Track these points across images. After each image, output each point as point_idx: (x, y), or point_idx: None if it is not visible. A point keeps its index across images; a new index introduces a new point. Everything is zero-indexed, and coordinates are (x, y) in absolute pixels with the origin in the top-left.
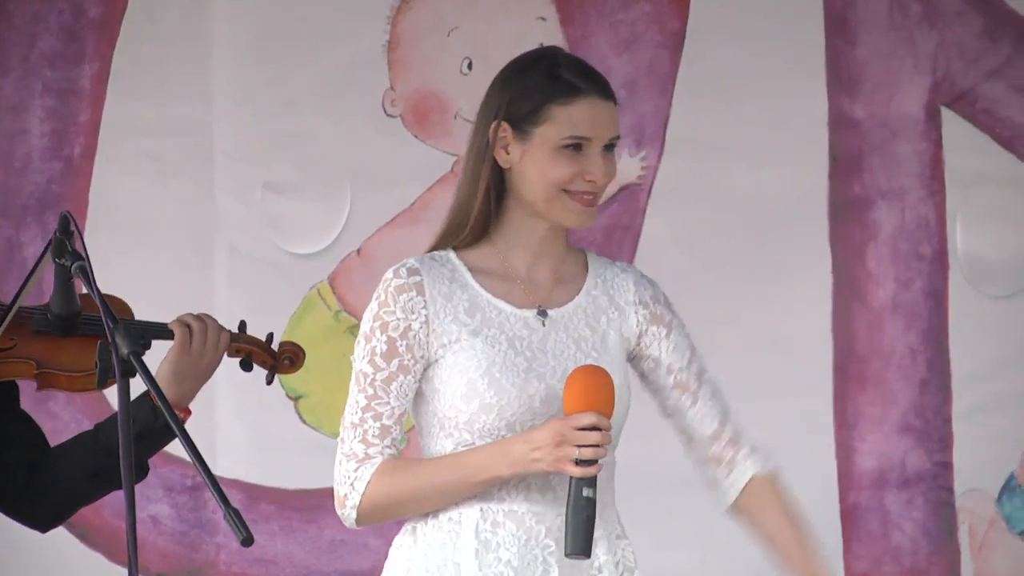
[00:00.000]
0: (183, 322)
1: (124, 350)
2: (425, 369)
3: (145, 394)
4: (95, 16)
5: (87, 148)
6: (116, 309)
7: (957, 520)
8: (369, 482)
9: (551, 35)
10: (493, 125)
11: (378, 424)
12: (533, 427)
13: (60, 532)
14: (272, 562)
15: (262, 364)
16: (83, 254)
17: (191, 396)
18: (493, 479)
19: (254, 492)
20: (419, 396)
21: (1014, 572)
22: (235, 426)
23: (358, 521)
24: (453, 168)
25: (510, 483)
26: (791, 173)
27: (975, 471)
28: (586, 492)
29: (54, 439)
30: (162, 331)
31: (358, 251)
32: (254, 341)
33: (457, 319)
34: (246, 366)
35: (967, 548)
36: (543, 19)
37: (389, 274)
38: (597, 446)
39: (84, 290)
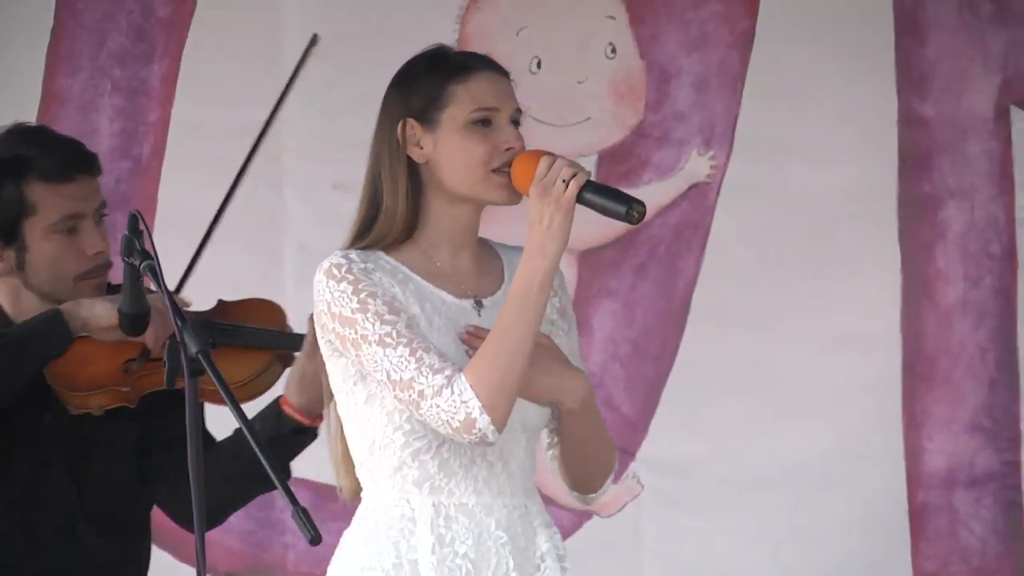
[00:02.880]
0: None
1: (192, 349)
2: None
3: (274, 402)
4: (165, 16)
5: (156, 147)
6: (266, 314)
7: None
8: (471, 385)
9: (620, 34)
10: (400, 125)
11: (433, 354)
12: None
13: None
14: None
15: None
16: (152, 253)
17: (317, 403)
18: (548, 275)
19: (322, 491)
20: (365, 394)
21: None
22: None
23: (496, 423)
24: None
25: (458, 475)
26: (860, 172)
27: None
28: (589, 196)
29: None
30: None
31: None
32: None
33: (412, 304)
34: None
35: None
36: (612, 18)
37: (340, 260)
38: (567, 166)
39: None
